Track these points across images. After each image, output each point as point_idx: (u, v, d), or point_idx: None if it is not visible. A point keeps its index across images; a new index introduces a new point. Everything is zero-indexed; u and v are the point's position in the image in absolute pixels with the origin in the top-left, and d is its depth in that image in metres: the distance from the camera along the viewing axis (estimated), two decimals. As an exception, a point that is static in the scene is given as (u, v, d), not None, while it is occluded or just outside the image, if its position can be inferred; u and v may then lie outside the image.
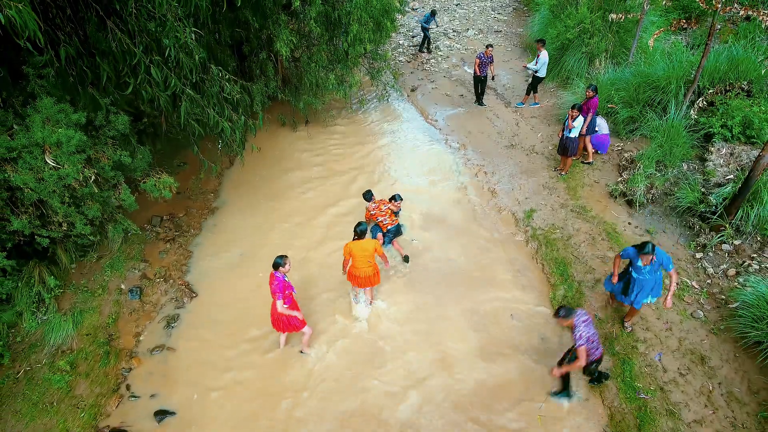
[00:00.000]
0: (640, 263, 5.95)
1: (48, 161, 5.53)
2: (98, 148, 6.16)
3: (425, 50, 16.08)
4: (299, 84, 11.31)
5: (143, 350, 6.77)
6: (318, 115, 12.31)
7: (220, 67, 7.32)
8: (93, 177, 5.96)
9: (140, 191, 7.38)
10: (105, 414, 5.98)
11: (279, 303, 5.87)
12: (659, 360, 6.29)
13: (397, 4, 11.26)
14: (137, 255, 7.97)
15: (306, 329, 6.47)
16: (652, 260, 5.87)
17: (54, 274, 6.97)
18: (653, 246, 5.80)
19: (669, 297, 6.00)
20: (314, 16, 9.04)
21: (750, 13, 8.02)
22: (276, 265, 5.84)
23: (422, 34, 15.96)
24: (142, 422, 5.92)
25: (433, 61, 15.57)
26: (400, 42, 17.05)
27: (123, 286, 7.46)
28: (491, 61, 11.99)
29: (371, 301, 7.42)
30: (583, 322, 5.43)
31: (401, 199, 8.08)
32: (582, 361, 5.36)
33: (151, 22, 5.89)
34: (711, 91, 9.08)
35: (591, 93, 9.20)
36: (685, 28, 9.18)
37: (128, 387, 6.32)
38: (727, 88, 9.63)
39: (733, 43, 10.55)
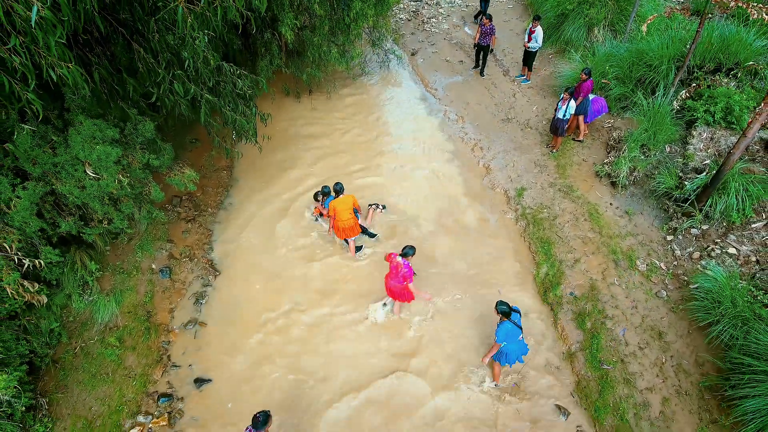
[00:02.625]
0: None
1: (88, 172, 6.20)
2: (128, 152, 6.79)
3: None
4: (302, 56, 11.58)
5: (178, 325, 7.79)
6: (321, 85, 12.63)
7: (231, 64, 7.75)
8: (127, 180, 6.65)
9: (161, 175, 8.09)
10: (153, 381, 7.10)
11: (411, 286, 7.06)
12: (623, 335, 7.34)
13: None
14: (163, 236, 8.79)
15: (411, 302, 7.71)
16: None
17: (92, 257, 7.82)
18: (500, 307, 6.21)
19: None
20: (318, 0, 9.23)
21: (740, 4, 8.29)
22: (406, 254, 6.97)
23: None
24: (185, 388, 7.06)
25: (434, 20, 15.52)
26: (401, -5, 16.82)
27: (154, 266, 8.36)
28: (493, 33, 12.10)
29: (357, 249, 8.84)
30: None
31: (323, 195, 8.88)
32: None
33: (169, 34, 6.32)
34: (694, 84, 9.52)
35: (584, 76, 9.61)
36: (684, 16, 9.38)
37: (169, 357, 7.40)
38: (716, 68, 10.05)
39: (729, 17, 10.77)
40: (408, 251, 6.99)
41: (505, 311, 6.19)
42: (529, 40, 11.77)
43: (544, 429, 6.62)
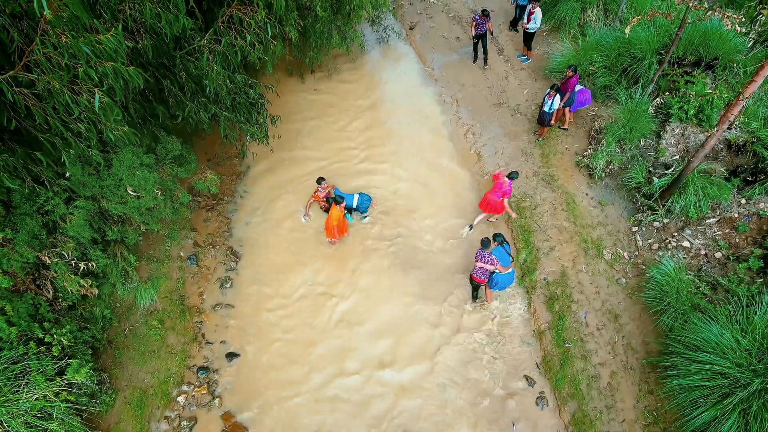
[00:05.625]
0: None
1: (130, 192, 7.22)
2: (160, 167, 7.75)
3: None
4: (305, 41, 12.06)
5: (208, 307, 9.11)
6: (322, 65, 13.14)
7: (243, 74, 8.48)
8: (161, 193, 7.68)
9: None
10: (191, 357, 8.53)
11: (505, 201, 9.18)
12: (585, 317, 8.71)
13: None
14: (186, 224, 9.89)
15: (497, 216, 10.05)
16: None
17: (129, 248, 8.98)
18: (498, 237, 8.40)
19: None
20: (319, 3, 9.69)
21: (717, 15, 8.85)
22: (511, 176, 9.08)
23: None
24: (219, 362, 8.50)
25: (433, -11, 15.61)
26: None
27: (182, 254, 9.55)
28: (488, 20, 12.33)
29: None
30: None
31: (322, 182, 9.85)
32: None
33: (191, 63, 7.08)
34: (670, 87, 10.23)
35: (570, 73, 10.29)
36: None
37: (203, 336, 8.79)
38: (696, 61, 10.71)
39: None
40: (514, 175, 9.12)
41: (501, 240, 8.34)
42: (528, 21, 12.16)
43: (514, 395, 8.16)
